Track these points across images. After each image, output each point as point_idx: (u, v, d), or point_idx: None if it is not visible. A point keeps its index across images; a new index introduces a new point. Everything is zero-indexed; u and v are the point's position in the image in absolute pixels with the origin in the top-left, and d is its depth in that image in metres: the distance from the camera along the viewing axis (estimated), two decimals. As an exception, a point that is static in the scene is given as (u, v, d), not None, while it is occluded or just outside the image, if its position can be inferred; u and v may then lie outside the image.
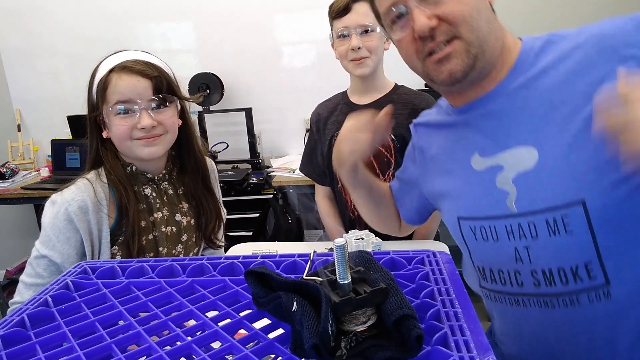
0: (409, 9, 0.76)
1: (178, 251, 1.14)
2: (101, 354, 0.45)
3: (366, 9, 1.38)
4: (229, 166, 2.95)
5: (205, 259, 0.62)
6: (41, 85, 3.21)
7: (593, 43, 0.72)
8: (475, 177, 0.83)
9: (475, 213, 0.83)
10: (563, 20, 2.76)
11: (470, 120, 0.84)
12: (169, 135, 1.07)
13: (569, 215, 0.71)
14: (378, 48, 1.40)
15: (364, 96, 1.51)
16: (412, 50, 0.79)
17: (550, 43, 0.78)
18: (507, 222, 0.78)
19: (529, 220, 0.76)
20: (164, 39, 3.09)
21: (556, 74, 0.74)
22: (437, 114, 0.96)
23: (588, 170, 0.70)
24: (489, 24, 0.76)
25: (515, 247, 0.78)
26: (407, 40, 0.79)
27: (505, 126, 0.79)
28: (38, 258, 1.00)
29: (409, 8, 0.76)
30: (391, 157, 1.46)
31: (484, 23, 0.75)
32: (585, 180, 0.70)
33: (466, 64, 0.75)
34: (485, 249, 0.83)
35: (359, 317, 0.42)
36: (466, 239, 0.86)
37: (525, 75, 0.77)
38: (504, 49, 0.79)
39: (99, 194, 1.03)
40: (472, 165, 0.83)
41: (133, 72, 1.01)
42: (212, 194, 1.21)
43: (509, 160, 0.78)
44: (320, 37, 1.49)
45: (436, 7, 0.74)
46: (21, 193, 2.67)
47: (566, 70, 0.73)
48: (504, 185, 0.78)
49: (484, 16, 0.75)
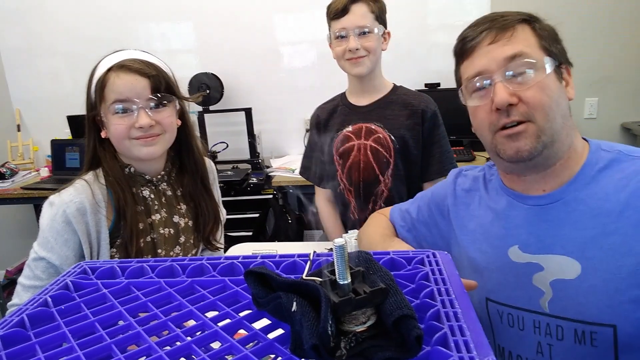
0: (493, 81, 0.78)
1: (176, 253, 1.14)
2: (101, 354, 0.45)
3: (364, 10, 1.38)
4: (229, 166, 2.95)
5: (205, 259, 0.62)
6: (41, 85, 3.21)
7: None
8: (511, 268, 0.84)
9: (506, 301, 0.85)
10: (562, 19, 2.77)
11: (520, 212, 0.85)
12: (167, 135, 1.06)
13: (598, 332, 0.74)
14: (376, 49, 1.40)
15: (363, 97, 1.50)
16: (486, 121, 0.81)
17: (617, 162, 0.79)
18: (537, 317, 0.81)
19: (558, 324, 0.79)
20: (164, 39, 3.09)
21: (615, 201, 0.76)
22: (483, 184, 0.95)
23: (624, 301, 0.72)
24: (563, 119, 0.78)
25: (539, 342, 0.81)
26: (484, 110, 0.81)
27: (555, 232, 0.80)
28: (36, 260, 0.99)
29: (493, 81, 0.78)
30: (390, 158, 1.46)
31: (559, 117, 0.77)
32: (621, 309, 0.72)
33: (534, 147, 0.77)
34: (510, 334, 0.85)
35: (358, 317, 0.42)
36: (492, 319, 0.88)
37: (586, 190, 0.79)
38: (571, 148, 0.81)
39: (97, 195, 1.02)
40: (509, 255, 0.85)
41: (131, 70, 1.00)
42: (210, 196, 1.21)
43: (550, 264, 0.80)
44: (320, 37, 1.49)
45: (519, 87, 0.76)
46: (21, 193, 2.67)
47: (625, 199, 0.75)
48: (541, 285, 0.81)
49: (561, 111, 0.78)
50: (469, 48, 0.81)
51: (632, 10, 2.79)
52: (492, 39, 0.78)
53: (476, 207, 0.94)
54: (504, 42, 0.78)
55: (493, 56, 0.78)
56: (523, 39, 0.78)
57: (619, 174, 0.77)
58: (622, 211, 0.74)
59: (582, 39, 2.82)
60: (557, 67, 0.79)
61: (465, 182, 0.99)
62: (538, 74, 0.76)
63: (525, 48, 0.77)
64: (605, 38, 2.82)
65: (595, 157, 0.80)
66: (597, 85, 2.90)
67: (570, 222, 0.79)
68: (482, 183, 0.95)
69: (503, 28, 0.78)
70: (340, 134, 1.51)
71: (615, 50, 2.84)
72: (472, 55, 0.81)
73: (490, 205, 0.91)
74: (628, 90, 2.90)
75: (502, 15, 0.80)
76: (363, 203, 1.50)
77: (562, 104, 0.78)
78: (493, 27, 0.79)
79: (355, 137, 1.48)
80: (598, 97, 2.92)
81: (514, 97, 0.76)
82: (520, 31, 0.79)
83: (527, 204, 0.84)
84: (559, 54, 0.81)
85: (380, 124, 1.46)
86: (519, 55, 0.77)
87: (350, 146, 1.48)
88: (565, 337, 0.78)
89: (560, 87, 0.79)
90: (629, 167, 0.77)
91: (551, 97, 0.76)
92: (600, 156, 0.80)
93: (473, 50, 0.81)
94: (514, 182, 0.87)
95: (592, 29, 2.81)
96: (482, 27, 0.80)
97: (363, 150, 1.47)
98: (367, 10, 1.39)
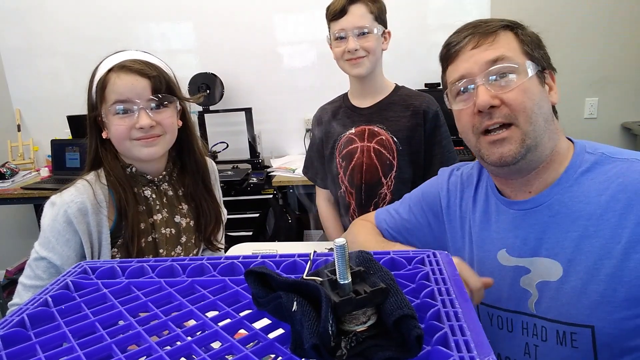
0: (475, 85, 0.79)
1: (177, 253, 1.14)
2: (101, 354, 0.45)
3: (362, 10, 1.38)
4: (229, 166, 2.95)
5: (205, 259, 0.62)
6: (41, 85, 3.21)
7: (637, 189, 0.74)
8: (500, 271, 0.86)
9: (496, 303, 0.88)
10: (562, 19, 2.76)
11: (507, 217, 0.86)
12: (168, 136, 1.06)
13: (577, 333, 0.76)
14: (375, 49, 1.39)
15: (365, 99, 1.50)
16: (469, 123, 0.82)
17: (600, 164, 0.80)
18: (525, 319, 0.84)
19: (543, 324, 0.81)
20: (164, 39, 3.09)
21: (596, 204, 0.77)
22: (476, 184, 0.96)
23: (602, 302, 0.74)
24: (546, 122, 0.79)
25: (526, 342, 0.84)
26: (467, 113, 0.82)
27: (539, 235, 0.82)
28: (37, 260, 0.99)
29: (476, 84, 0.79)
30: (393, 160, 1.45)
31: (541, 120, 0.78)
32: (598, 310, 0.74)
33: (518, 152, 0.78)
34: (499, 337, 0.87)
35: (359, 317, 0.42)
36: (482, 322, 0.89)
37: (569, 193, 0.80)
38: (554, 150, 0.82)
39: (99, 195, 1.02)
40: (499, 259, 0.87)
41: (132, 71, 1.00)
42: (212, 196, 1.21)
43: (536, 266, 0.82)
44: (320, 37, 1.48)
45: (502, 90, 0.78)
46: (21, 193, 2.67)
47: (606, 204, 0.76)
48: (528, 287, 0.83)
49: (543, 114, 0.79)
50: (453, 53, 0.83)
51: (632, 10, 2.79)
52: (475, 44, 0.80)
53: (468, 209, 0.95)
54: (486, 47, 0.80)
55: (476, 60, 0.80)
56: (505, 44, 0.80)
57: (601, 176, 0.79)
58: (602, 214, 0.76)
59: (582, 39, 2.82)
60: (540, 72, 0.81)
61: (457, 181, 1.00)
62: (520, 77, 0.78)
63: (507, 52, 0.79)
64: (605, 38, 2.82)
65: (579, 160, 0.82)
66: (597, 85, 2.90)
67: (553, 226, 0.81)
68: (475, 183, 0.96)
69: (486, 33, 0.80)
70: (343, 137, 1.50)
71: (615, 50, 2.84)
72: (456, 60, 0.83)
73: (481, 207, 0.92)
74: (628, 90, 2.90)
75: (486, 22, 0.82)
76: (364, 205, 1.50)
77: (544, 107, 0.79)
78: (476, 32, 0.81)
79: (359, 140, 1.48)
80: (598, 97, 2.92)
81: (496, 99, 0.77)
82: (502, 36, 0.80)
83: (513, 209, 0.86)
84: (542, 59, 0.82)
85: (383, 126, 1.46)
86: (501, 58, 0.78)
87: (354, 148, 1.48)
88: (548, 338, 0.80)
89: (543, 91, 0.81)
90: (611, 169, 0.78)
91: (533, 100, 0.78)
92: (584, 159, 0.81)
93: (457, 54, 0.83)
94: (502, 184, 0.89)
95: (592, 29, 2.81)
96: (466, 33, 0.82)
97: (366, 153, 1.47)
98: (366, 11, 1.38)
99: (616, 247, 0.74)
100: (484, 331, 0.41)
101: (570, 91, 2.91)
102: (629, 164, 0.77)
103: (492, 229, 0.89)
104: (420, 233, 1.04)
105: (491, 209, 0.90)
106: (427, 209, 1.03)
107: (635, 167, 0.76)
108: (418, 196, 1.06)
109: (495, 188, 0.90)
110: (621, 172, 0.77)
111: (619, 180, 0.76)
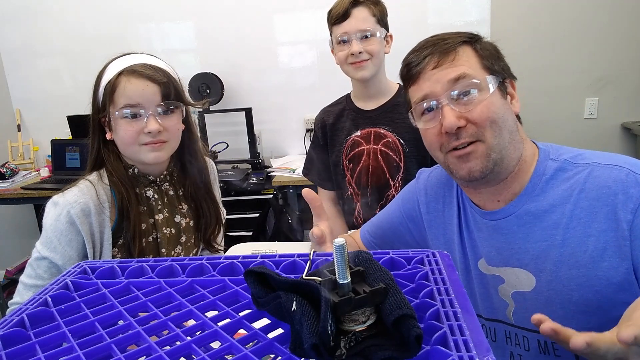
0: (440, 104, 0.80)
1: (177, 252, 1.14)
2: (101, 354, 0.45)
3: (365, 14, 1.38)
4: (229, 166, 2.96)
5: (205, 259, 0.62)
6: (41, 85, 3.21)
7: (598, 196, 0.75)
8: (481, 279, 0.87)
9: (480, 312, 0.89)
10: (562, 19, 2.76)
11: (482, 226, 0.87)
12: (173, 142, 1.07)
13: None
14: (379, 52, 1.39)
15: (370, 101, 1.49)
16: (436, 142, 0.83)
17: (562, 171, 0.81)
18: (507, 328, 0.85)
19: (524, 335, 0.82)
20: (164, 39, 3.09)
21: (561, 213, 0.78)
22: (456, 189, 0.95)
23: (577, 312, 0.75)
24: (511, 134, 0.80)
25: (511, 352, 0.85)
26: (433, 132, 0.83)
27: (511, 245, 0.83)
28: (39, 259, 0.99)
29: (440, 104, 0.80)
30: (401, 162, 1.45)
31: (506, 133, 0.79)
32: (574, 319, 0.75)
33: (485, 167, 0.79)
34: None
35: (358, 316, 0.42)
36: None
37: (535, 202, 0.81)
38: (520, 160, 0.83)
39: (101, 196, 1.02)
40: (479, 267, 0.88)
41: (142, 76, 1.01)
42: (212, 198, 1.21)
43: (509, 276, 0.83)
44: (320, 37, 1.48)
45: (466, 108, 0.78)
46: (21, 193, 2.67)
47: (571, 212, 0.77)
48: (504, 297, 0.84)
49: (508, 127, 0.80)
50: (415, 73, 0.83)
51: (631, 10, 2.79)
52: (436, 64, 0.81)
53: (449, 215, 0.95)
54: (447, 66, 0.80)
55: (437, 79, 0.80)
56: (465, 61, 0.80)
57: (563, 184, 0.79)
58: (568, 223, 0.77)
59: (582, 39, 2.82)
60: (502, 83, 0.82)
61: (435, 185, 0.99)
62: (482, 93, 0.79)
63: (468, 70, 0.79)
64: (605, 38, 2.82)
65: (543, 167, 0.82)
66: (597, 85, 2.90)
67: (522, 235, 0.81)
68: (456, 185, 0.95)
69: (445, 52, 0.81)
70: (349, 139, 1.50)
71: (615, 50, 2.84)
72: (418, 81, 0.83)
73: (459, 214, 0.93)
74: (628, 90, 2.90)
75: (444, 39, 0.83)
76: (370, 207, 1.50)
77: (508, 120, 0.80)
78: (435, 51, 0.81)
79: (365, 142, 1.48)
80: (598, 97, 2.92)
81: (462, 119, 0.78)
82: (462, 53, 0.81)
83: (486, 219, 0.87)
84: (502, 70, 0.83)
85: (389, 127, 1.46)
86: (463, 77, 0.79)
87: (360, 151, 1.48)
88: (531, 348, 0.81)
89: (505, 103, 0.82)
90: (573, 176, 0.79)
91: (497, 114, 0.78)
92: (547, 166, 0.82)
93: (418, 75, 0.83)
94: (471, 194, 0.90)
95: (592, 29, 2.81)
96: (425, 52, 0.82)
97: (373, 155, 1.47)
98: (369, 14, 1.38)
99: (583, 256, 0.74)
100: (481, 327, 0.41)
101: (570, 91, 2.91)
102: (590, 169, 0.78)
103: (472, 236, 0.90)
104: (402, 240, 1.04)
105: (468, 216, 0.91)
106: (406, 216, 1.03)
107: (595, 172, 0.77)
108: (398, 203, 1.06)
109: (469, 198, 0.91)
110: (582, 179, 0.77)
111: (580, 187, 0.77)
